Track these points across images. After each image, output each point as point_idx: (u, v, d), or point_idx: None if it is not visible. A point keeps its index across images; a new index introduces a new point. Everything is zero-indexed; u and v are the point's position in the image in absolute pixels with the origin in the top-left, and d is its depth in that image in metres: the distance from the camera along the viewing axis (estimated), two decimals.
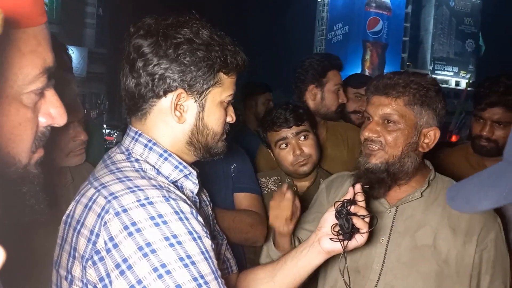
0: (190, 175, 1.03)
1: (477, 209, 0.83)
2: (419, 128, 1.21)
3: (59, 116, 0.68)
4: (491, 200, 0.77)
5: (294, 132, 1.75)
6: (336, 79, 2.18)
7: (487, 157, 1.93)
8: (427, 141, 1.23)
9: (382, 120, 1.23)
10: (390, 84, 1.22)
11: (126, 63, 0.98)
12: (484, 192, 0.79)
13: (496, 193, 0.76)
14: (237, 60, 1.00)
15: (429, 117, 1.21)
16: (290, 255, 1.09)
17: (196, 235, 0.85)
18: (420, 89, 1.19)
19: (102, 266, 0.81)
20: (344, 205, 1.04)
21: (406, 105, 1.20)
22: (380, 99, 1.23)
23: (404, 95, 1.20)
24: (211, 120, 1.01)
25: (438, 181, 1.31)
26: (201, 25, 0.97)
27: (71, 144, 1.44)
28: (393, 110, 1.20)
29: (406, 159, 1.22)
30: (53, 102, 0.67)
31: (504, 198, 0.75)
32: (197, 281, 0.80)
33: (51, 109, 0.67)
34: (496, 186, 0.77)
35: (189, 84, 0.95)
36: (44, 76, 0.62)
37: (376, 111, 1.24)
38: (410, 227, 1.26)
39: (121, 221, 0.81)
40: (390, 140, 1.21)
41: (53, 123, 0.68)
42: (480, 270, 1.20)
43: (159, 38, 0.93)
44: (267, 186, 1.90)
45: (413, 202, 1.28)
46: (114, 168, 0.94)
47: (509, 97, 1.76)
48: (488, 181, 0.81)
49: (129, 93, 0.98)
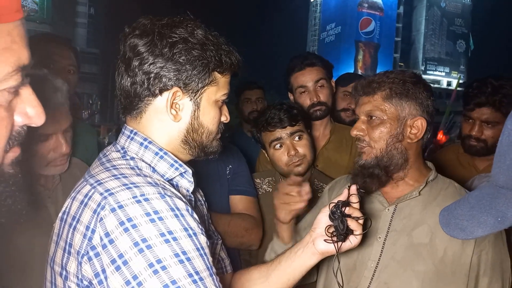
0: (186, 173, 1.03)
1: (474, 236, 0.82)
2: (403, 119, 1.25)
3: (37, 116, 0.66)
4: (486, 227, 0.77)
5: (289, 133, 1.75)
6: (297, 81, 2.10)
7: (477, 156, 1.97)
8: (415, 132, 1.26)
9: (366, 118, 1.29)
10: (366, 83, 1.29)
11: (122, 63, 0.98)
12: (476, 220, 0.79)
13: (490, 220, 0.76)
14: (232, 59, 1.01)
15: (411, 108, 1.24)
16: (285, 256, 1.09)
17: (191, 231, 0.86)
18: (396, 83, 1.25)
19: (97, 262, 0.82)
20: (338, 207, 1.04)
21: (384, 100, 1.25)
22: (361, 99, 1.31)
23: (380, 90, 1.26)
24: (206, 119, 1.02)
25: (438, 182, 1.33)
26: (195, 25, 0.98)
27: (51, 154, 1.39)
28: (372, 106, 1.26)
29: (393, 151, 1.25)
30: (30, 101, 0.65)
31: (500, 223, 0.75)
32: (192, 277, 0.81)
33: (28, 108, 0.65)
34: (489, 213, 0.77)
35: (185, 83, 0.96)
36: (18, 74, 0.61)
37: (359, 111, 1.31)
38: (408, 225, 1.27)
39: (117, 217, 0.82)
40: (375, 135, 1.26)
41: (30, 122, 0.66)
42: (478, 272, 1.20)
43: (154, 37, 0.94)
44: (262, 187, 1.89)
45: (411, 201, 1.29)
46: (109, 165, 0.95)
47: (496, 97, 1.80)
48: (479, 207, 0.80)
49: (125, 92, 0.98)
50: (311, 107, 2.06)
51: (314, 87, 2.07)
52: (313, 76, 2.06)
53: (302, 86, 2.08)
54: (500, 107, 1.80)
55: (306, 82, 2.07)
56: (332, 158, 2.11)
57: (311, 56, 2.13)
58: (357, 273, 1.30)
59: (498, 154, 0.76)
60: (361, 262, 1.30)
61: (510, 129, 0.74)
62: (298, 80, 2.09)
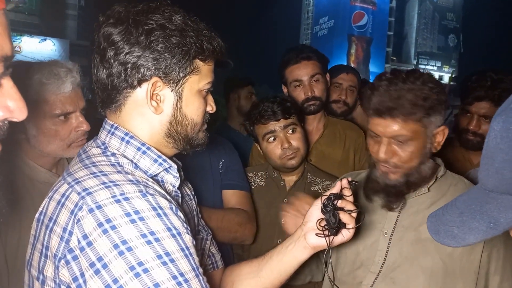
0: (171, 169, 0.99)
1: (466, 244, 0.79)
2: (430, 134, 1.19)
3: (18, 109, 0.62)
4: (479, 233, 0.74)
5: (282, 125, 1.74)
6: (292, 75, 2.07)
7: (472, 150, 1.95)
8: (439, 140, 1.22)
9: (393, 139, 1.19)
10: (393, 107, 1.15)
11: (97, 54, 0.92)
12: (467, 226, 0.76)
13: (482, 226, 0.73)
14: (214, 45, 0.95)
15: (437, 120, 1.19)
16: (276, 250, 1.07)
17: (175, 231, 0.82)
18: (426, 102, 1.15)
19: (75, 265, 0.78)
20: (330, 199, 1.00)
21: (415, 122, 1.16)
22: (386, 121, 1.17)
23: (411, 115, 1.15)
24: (190, 110, 0.96)
25: (447, 178, 1.30)
26: (173, 10, 0.92)
27: (72, 134, 1.42)
28: (403, 130, 1.16)
29: (422, 166, 1.22)
30: (11, 95, 0.61)
31: (492, 229, 0.72)
32: (177, 279, 0.77)
33: (9, 102, 0.61)
34: (480, 218, 0.74)
35: (164, 72, 0.90)
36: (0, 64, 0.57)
37: (384, 133, 1.19)
38: (415, 221, 1.25)
39: (95, 218, 0.78)
40: (406, 157, 1.18)
41: (11, 117, 0.62)
42: (489, 270, 1.18)
43: (129, 25, 0.88)
44: (255, 181, 1.88)
45: (420, 197, 1.26)
46: (88, 162, 0.90)
47: (495, 92, 1.77)
48: (468, 212, 0.77)
49: (102, 85, 0.93)
50: (306, 101, 2.04)
51: (309, 81, 2.04)
52: (308, 70, 2.04)
53: (297, 80, 2.06)
54: (499, 102, 1.78)
55: (301, 76, 2.05)
56: (326, 152, 2.09)
57: (307, 50, 2.09)
58: (363, 268, 1.28)
59: (485, 156, 0.73)
60: (367, 257, 1.28)
61: (496, 130, 0.70)
62: (293, 73, 2.06)
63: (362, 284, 1.27)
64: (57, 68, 1.37)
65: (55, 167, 1.50)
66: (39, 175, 1.43)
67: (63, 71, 1.37)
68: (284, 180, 1.85)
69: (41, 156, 1.44)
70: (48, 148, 1.40)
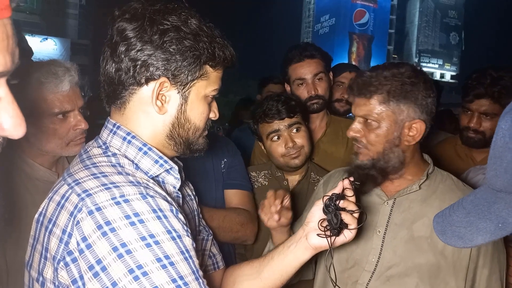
0: (172, 170, 0.99)
1: (474, 244, 0.79)
2: (400, 122, 1.20)
3: (13, 128, 0.55)
4: (487, 234, 0.74)
5: (287, 124, 1.73)
6: (295, 73, 2.05)
7: (475, 148, 1.96)
8: (412, 134, 1.21)
9: (363, 119, 1.24)
10: (363, 84, 1.21)
11: (108, 47, 0.92)
12: (475, 227, 0.76)
13: (490, 226, 0.73)
14: (225, 54, 0.96)
15: (409, 110, 1.19)
16: (277, 251, 1.06)
17: (175, 234, 0.82)
18: (394, 85, 1.18)
19: (75, 268, 0.77)
20: (332, 200, 1.00)
21: (381, 103, 1.19)
22: (358, 100, 1.24)
23: (376, 94, 1.19)
24: (194, 114, 0.97)
25: (437, 175, 1.31)
26: (190, 14, 0.92)
27: (71, 133, 1.42)
28: (369, 110, 1.21)
29: (390, 155, 1.22)
30: (8, 110, 0.55)
31: (501, 229, 0.72)
32: (176, 283, 0.77)
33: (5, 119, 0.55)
34: (488, 219, 0.73)
35: (173, 74, 0.91)
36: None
37: (356, 112, 1.25)
38: (407, 219, 1.26)
39: (94, 220, 0.77)
40: (371, 139, 1.22)
41: (6, 134, 0.56)
42: (477, 264, 1.19)
43: (145, 22, 0.88)
44: (258, 180, 1.87)
45: (411, 194, 1.27)
46: (89, 163, 0.89)
47: (495, 89, 1.78)
48: (476, 213, 0.76)
49: (109, 79, 0.93)
50: (309, 100, 2.03)
51: (313, 80, 2.03)
52: (312, 68, 2.02)
53: (300, 79, 2.04)
54: (499, 99, 1.79)
55: (305, 75, 2.03)
56: (328, 150, 2.08)
57: (311, 48, 2.07)
58: (357, 267, 1.29)
59: (493, 156, 0.72)
60: (361, 256, 1.28)
61: (505, 129, 0.69)
62: (297, 72, 2.05)
63: (358, 283, 1.28)
64: (55, 67, 1.37)
65: (54, 166, 1.50)
66: (38, 174, 1.44)
67: (61, 70, 1.38)
68: (287, 180, 1.84)
69: (40, 155, 1.44)
70: (46, 146, 1.41)
